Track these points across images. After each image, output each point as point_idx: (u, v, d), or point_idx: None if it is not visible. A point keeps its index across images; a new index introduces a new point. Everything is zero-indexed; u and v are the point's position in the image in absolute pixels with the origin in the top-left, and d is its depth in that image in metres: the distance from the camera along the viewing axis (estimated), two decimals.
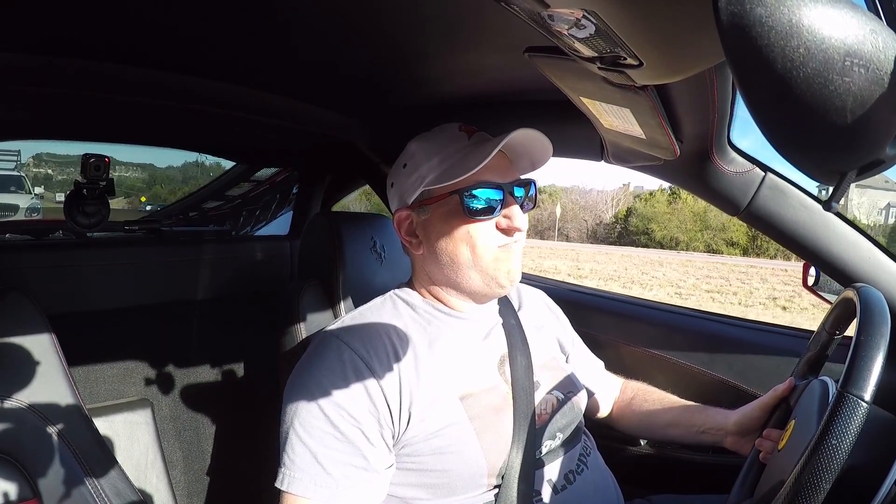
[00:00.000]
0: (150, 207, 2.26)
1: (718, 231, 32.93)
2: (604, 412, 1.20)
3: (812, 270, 1.20)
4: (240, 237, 2.03)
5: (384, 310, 0.94)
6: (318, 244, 1.29)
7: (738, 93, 0.63)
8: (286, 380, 0.86)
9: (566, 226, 38.91)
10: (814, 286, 1.20)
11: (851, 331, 0.77)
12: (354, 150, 1.54)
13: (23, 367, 0.93)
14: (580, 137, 1.11)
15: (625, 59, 0.56)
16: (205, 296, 1.57)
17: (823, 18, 0.30)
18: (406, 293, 0.98)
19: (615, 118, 0.84)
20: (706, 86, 0.71)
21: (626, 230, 35.62)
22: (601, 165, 0.96)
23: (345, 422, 0.79)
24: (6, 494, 0.86)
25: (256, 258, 1.73)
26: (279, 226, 2.04)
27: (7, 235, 1.55)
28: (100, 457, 0.95)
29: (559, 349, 1.10)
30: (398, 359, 0.85)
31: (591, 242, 35.08)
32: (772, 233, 1.02)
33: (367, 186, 1.86)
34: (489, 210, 0.87)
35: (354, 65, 1.03)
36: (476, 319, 0.97)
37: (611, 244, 33.18)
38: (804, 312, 9.74)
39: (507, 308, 1.03)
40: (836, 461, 0.58)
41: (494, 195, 0.87)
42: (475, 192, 0.86)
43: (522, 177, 0.94)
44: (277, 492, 0.78)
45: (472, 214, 0.87)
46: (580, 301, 1.58)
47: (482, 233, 0.88)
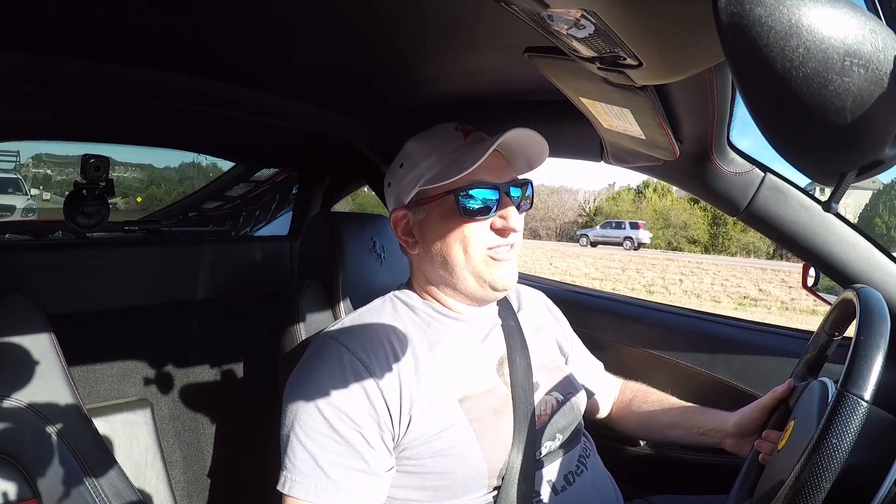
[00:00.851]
0: (144, 209, 2.28)
1: (679, 229, 33.84)
2: (603, 413, 1.20)
3: (812, 271, 1.20)
4: (239, 237, 2.03)
5: (384, 312, 0.94)
6: (318, 244, 1.29)
7: (738, 93, 0.63)
8: (286, 380, 0.86)
9: (539, 225, 39.49)
10: (813, 287, 1.20)
11: (850, 332, 0.77)
12: (354, 151, 1.54)
13: (22, 367, 0.93)
14: (580, 138, 1.11)
15: (624, 59, 0.56)
16: (204, 296, 1.57)
17: (823, 18, 0.30)
18: (406, 295, 0.98)
19: (615, 118, 0.84)
20: (706, 86, 0.71)
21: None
22: (594, 166, 0.96)
23: (345, 425, 0.78)
24: (5, 494, 0.85)
25: (256, 258, 1.73)
26: (279, 226, 2.04)
27: (7, 235, 1.55)
28: (99, 457, 0.95)
29: (558, 350, 1.10)
30: (398, 361, 0.84)
31: (559, 241, 35.74)
32: (771, 233, 1.02)
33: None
34: (485, 210, 0.87)
35: (354, 65, 1.03)
36: (475, 321, 0.96)
37: (575, 242, 34.00)
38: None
39: (507, 309, 1.03)
40: (837, 460, 0.58)
41: (490, 195, 0.87)
42: (471, 192, 0.86)
43: (519, 177, 0.94)
44: (279, 495, 0.78)
45: (468, 214, 0.87)
46: (580, 302, 1.58)
47: (476, 233, 0.88)
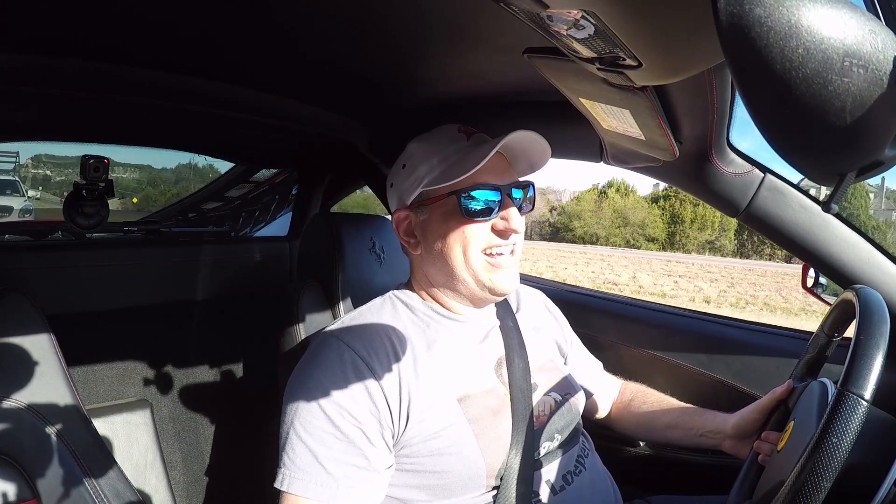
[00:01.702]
0: (140, 210, 2.30)
1: (637, 227, 34.87)
2: (602, 413, 1.20)
3: (811, 272, 1.20)
4: (239, 238, 2.03)
5: (383, 311, 0.94)
6: (318, 245, 1.29)
7: (738, 93, 0.63)
8: (286, 380, 0.86)
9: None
10: (813, 287, 1.20)
11: (850, 333, 0.77)
12: (354, 151, 1.54)
13: (22, 368, 0.93)
14: (579, 138, 1.11)
15: (624, 60, 0.56)
16: (204, 297, 1.57)
17: (822, 19, 0.30)
18: (405, 295, 0.98)
19: (614, 119, 0.84)
20: (705, 87, 0.71)
21: (554, 227, 37.76)
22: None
23: (346, 422, 0.78)
24: (5, 495, 0.85)
25: (256, 259, 1.73)
26: (278, 227, 2.04)
27: (6, 236, 1.54)
28: (99, 457, 0.95)
29: (557, 351, 1.10)
30: (398, 359, 0.85)
31: (526, 239, 37.40)
32: (771, 234, 1.02)
33: None
34: (487, 211, 0.87)
35: (354, 66, 1.03)
36: (474, 322, 0.96)
37: (543, 240, 35.17)
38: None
39: (505, 310, 1.03)
40: (837, 459, 0.58)
41: (492, 196, 0.87)
42: (473, 194, 0.86)
43: (521, 179, 0.94)
44: (277, 492, 0.78)
45: (470, 215, 0.87)
46: (579, 302, 1.58)
47: (477, 234, 0.88)
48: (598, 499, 0.94)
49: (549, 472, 0.89)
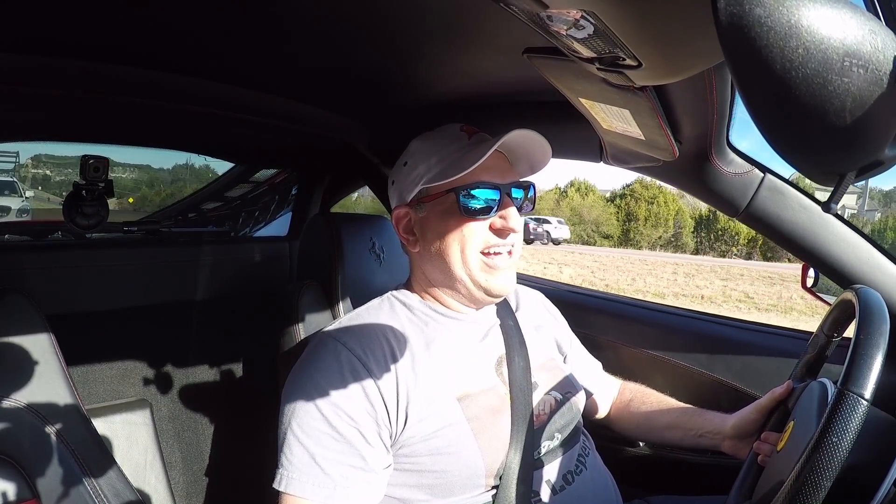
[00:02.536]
0: (136, 210, 2.33)
1: (592, 225, 36.08)
2: (602, 413, 1.20)
3: (811, 272, 1.20)
4: (239, 238, 2.03)
5: (381, 311, 0.94)
6: (317, 245, 1.29)
7: (737, 93, 0.63)
8: (285, 380, 0.86)
9: None
10: (812, 287, 1.20)
11: (849, 333, 0.77)
12: (354, 151, 1.54)
13: (21, 368, 0.93)
14: (579, 138, 1.11)
15: (624, 60, 0.56)
16: (204, 297, 1.57)
17: (822, 19, 0.30)
18: (403, 295, 0.98)
19: (614, 119, 0.84)
20: (705, 87, 0.71)
21: None
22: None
23: (342, 422, 0.78)
24: (5, 494, 0.85)
25: (255, 259, 1.73)
26: (278, 227, 2.04)
27: (6, 236, 1.54)
28: (98, 457, 0.95)
29: (557, 350, 1.10)
30: (395, 359, 0.85)
31: None
32: (771, 234, 1.02)
33: None
34: (486, 210, 0.87)
35: (354, 66, 1.03)
36: (473, 320, 0.96)
37: None
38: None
39: (505, 309, 1.03)
40: (837, 459, 0.58)
41: (491, 195, 0.88)
42: (472, 192, 0.87)
43: (522, 179, 0.94)
44: (276, 492, 0.78)
45: (468, 213, 0.87)
46: (578, 302, 1.58)
47: (475, 233, 0.88)
48: (599, 499, 0.94)
49: (550, 472, 0.89)
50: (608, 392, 1.21)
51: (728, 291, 12.79)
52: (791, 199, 0.98)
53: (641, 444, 1.34)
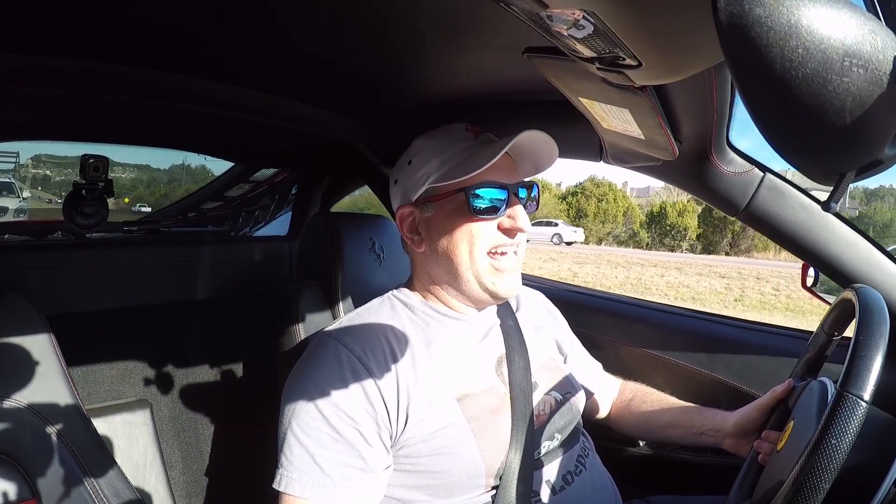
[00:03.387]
0: (135, 208, 2.35)
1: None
2: (602, 413, 1.20)
3: (811, 271, 1.20)
4: (239, 238, 2.03)
5: (382, 311, 0.94)
6: (317, 245, 1.29)
7: (737, 93, 0.63)
8: (285, 380, 0.86)
9: None
10: (812, 287, 1.20)
11: (850, 332, 0.77)
12: (353, 151, 1.54)
13: (21, 368, 0.93)
14: (579, 138, 1.11)
15: (624, 60, 0.56)
16: (204, 296, 1.57)
17: (822, 19, 0.30)
18: (404, 294, 0.98)
19: (614, 119, 0.84)
20: (705, 86, 0.71)
21: None
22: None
23: (342, 422, 0.78)
24: (5, 494, 0.85)
25: (255, 259, 1.73)
26: (278, 226, 2.04)
27: (6, 236, 1.54)
28: (98, 457, 0.95)
29: (557, 350, 1.10)
30: (396, 359, 0.84)
31: None
32: (770, 233, 1.02)
33: None
34: (493, 209, 0.87)
35: (353, 65, 1.03)
36: (474, 321, 0.96)
37: None
38: None
39: (505, 309, 1.03)
40: (836, 461, 0.58)
41: (499, 195, 0.87)
42: (480, 192, 0.86)
43: (525, 179, 0.94)
44: (275, 492, 0.78)
45: (477, 213, 0.87)
46: (579, 302, 1.58)
47: (483, 232, 0.88)
48: (599, 498, 0.94)
49: (550, 472, 0.89)
50: (608, 392, 1.21)
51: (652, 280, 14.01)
52: (791, 199, 0.98)
53: (641, 444, 1.34)
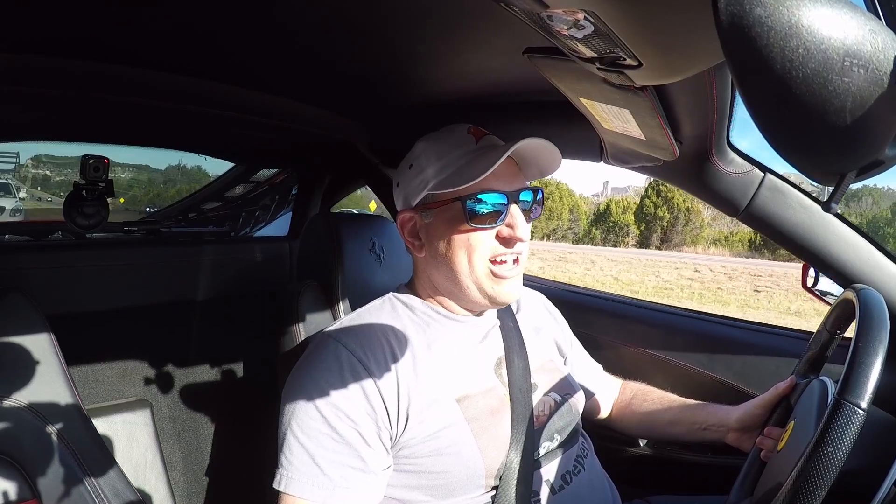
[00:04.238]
0: (127, 209, 2.39)
1: None
2: (604, 413, 1.20)
3: (811, 271, 1.19)
4: (239, 238, 2.03)
5: (383, 312, 0.94)
6: (318, 245, 1.28)
7: (738, 93, 0.63)
8: (285, 380, 0.86)
9: None
10: (813, 287, 1.20)
11: (852, 331, 0.77)
12: (354, 151, 1.54)
13: (22, 367, 0.93)
14: (579, 138, 1.11)
15: (624, 60, 0.56)
16: (204, 296, 1.57)
17: (823, 19, 0.30)
18: (405, 296, 0.97)
19: (614, 119, 0.84)
20: (705, 86, 0.71)
21: None
22: None
23: (342, 423, 0.78)
24: (5, 494, 0.85)
25: (256, 259, 1.73)
26: (278, 227, 2.04)
27: (7, 236, 1.55)
28: (99, 457, 0.95)
29: (557, 351, 1.10)
30: (396, 360, 0.84)
31: None
32: (771, 233, 1.02)
33: None
34: (492, 218, 0.86)
35: (354, 66, 1.03)
36: (474, 322, 0.96)
37: None
38: None
39: (505, 310, 1.02)
40: (832, 469, 0.58)
41: (499, 201, 0.86)
42: (479, 198, 0.85)
43: (530, 183, 0.93)
44: (275, 492, 0.78)
45: (475, 221, 0.86)
46: (579, 302, 1.58)
47: (481, 241, 0.87)
48: (597, 498, 0.94)
49: (549, 472, 0.89)
50: (609, 392, 1.21)
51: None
52: (791, 199, 0.98)
53: (642, 444, 1.34)
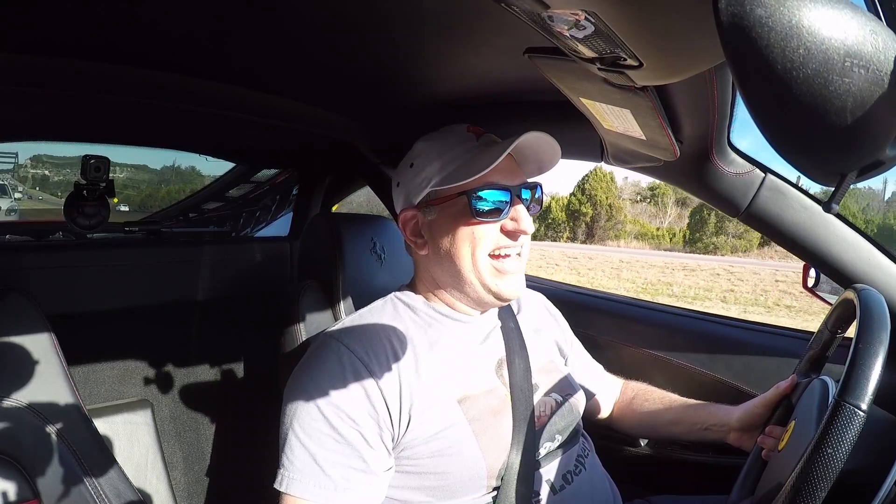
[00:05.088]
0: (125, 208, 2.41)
1: None
2: (604, 413, 1.20)
3: (812, 272, 1.20)
4: (240, 238, 2.03)
5: (385, 312, 0.94)
6: (318, 245, 1.29)
7: (738, 94, 0.63)
8: (286, 381, 0.86)
9: None
10: (814, 287, 1.20)
11: (853, 330, 0.77)
12: (354, 151, 1.53)
13: (22, 367, 0.93)
14: (580, 138, 1.11)
15: (625, 60, 0.56)
16: (205, 297, 1.57)
17: (823, 19, 0.30)
18: (407, 296, 0.97)
19: (615, 119, 0.84)
20: (706, 87, 0.71)
21: None
22: None
23: (344, 424, 0.78)
24: (5, 494, 0.85)
25: (256, 259, 1.73)
26: (279, 227, 2.04)
27: (7, 236, 1.55)
28: (99, 457, 0.95)
29: (558, 352, 1.10)
30: (398, 361, 0.84)
31: None
32: (772, 234, 1.02)
33: None
34: (496, 212, 0.87)
35: (355, 66, 1.03)
36: (475, 322, 0.96)
37: None
38: None
39: (506, 311, 1.03)
40: (832, 470, 0.58)
41: (502, 196, 0.87)
42: (482, 194, 0.86)
43: (529, 180, 0.94)
44: (276, 493, 0.78)
45: (480, 216, 0.86)
46: (580, 302, 1.58)
47: (486, 235, 0.88)
48: (598, 498, 0.94)
49: (549, 472, 0.89)
50: (610, 392, 1.21)
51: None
52: (792, 199, 0.98)
53: (642, 444, 1.34)
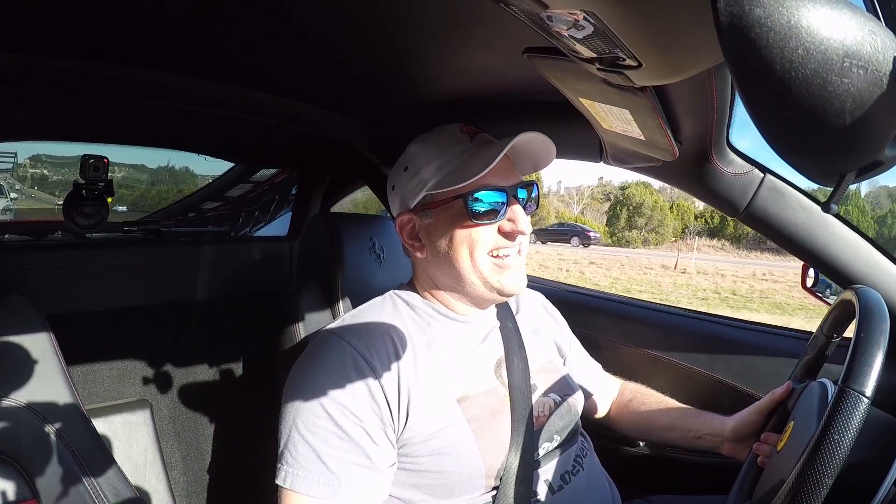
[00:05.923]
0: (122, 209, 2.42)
1: None
2: (602, 413, 1.20)
3: (811, 272, 1.20)
4: (239, 238, 2.03)
5: (384, 309, 0.94)
6: (318, 245, 1.29)
7: (737, 94, 0.63)
8: (285, 380, 0.86)
9: None
10: (813, 287, 1.20)
11: (849, 333, 0.77)
12: (354, 151, 1.54)
13: (21, 367, 0.93)
14: (579, 138, 1.11)
15: (624, 60, 0.56)
16: (204, 296, 1.57)
17: (822, 19, 0.30)
18: (407, 294, 0.97)
19: (614, 119, 0.84)
20: (705, 87, 0.71)
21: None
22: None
23: (348, 420, 0.78)
24: (4, 494, 0.85)
25: (255, 259, 1.73)
26: (278, 227, 2.04)
27: (6, 236, 1.54)
28: (98, 457, 0.95)
29: (556, 352, 1.10)
30: (398, 358, 0.84)
31: None
32: (771, 234, 1.02)
33: None
34: (493, 213, 0.87)
35: (354, 66, 1.03)
36: (474, 322, 0.96)
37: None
38: None
39: (505, 311, 1.03)
40: (839, 456, 0.58)
41: (498, 198, 0.87)
42: (479, 196, 0.86)
43: (524, 178, 0.94)
44: (277, 490, 0.78)
45: (476, 218, 0.86)
46: (579, 302, 1.58)
47: (484, 237, 0.88)
48: (597, 498, 0.94)
49: (548, 472, 0.89)
50: (608, 392, 1.21)
51: None
52: (791, 200, 0.98)
53: (641, 444, 1.34)
